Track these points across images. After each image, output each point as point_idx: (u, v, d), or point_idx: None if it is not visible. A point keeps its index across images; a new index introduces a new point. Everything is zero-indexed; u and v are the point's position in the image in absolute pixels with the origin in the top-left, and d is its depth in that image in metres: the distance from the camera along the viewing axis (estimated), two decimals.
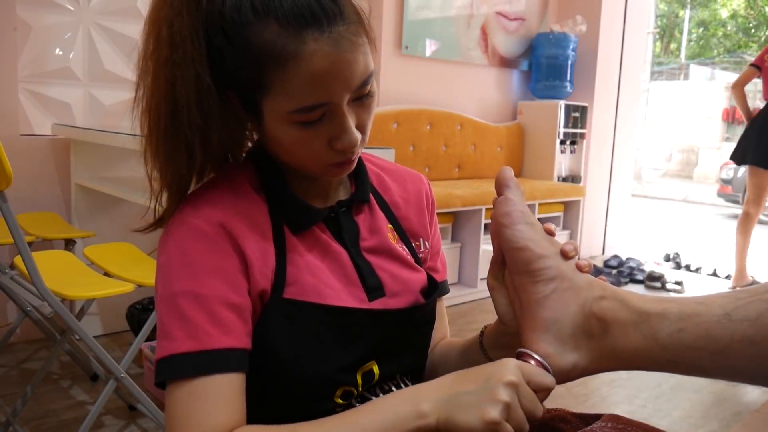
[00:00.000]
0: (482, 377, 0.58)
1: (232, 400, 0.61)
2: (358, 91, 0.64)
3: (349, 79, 0.62)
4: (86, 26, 2.57)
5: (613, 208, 4.71)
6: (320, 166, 0.68)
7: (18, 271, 1.65)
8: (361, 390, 0.72)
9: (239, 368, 0.63)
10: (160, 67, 0.63)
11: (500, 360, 0.59)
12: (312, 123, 0.63)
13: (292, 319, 0.66)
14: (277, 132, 0.65)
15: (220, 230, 0.64)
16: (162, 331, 0.63)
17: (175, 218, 0.67)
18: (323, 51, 0.60)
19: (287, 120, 0.63)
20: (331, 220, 0.74)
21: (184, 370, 0.60)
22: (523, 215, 0.65)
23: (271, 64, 0.60)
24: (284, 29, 0.59)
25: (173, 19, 0.62)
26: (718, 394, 2.30)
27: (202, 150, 0.66)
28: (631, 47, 4.51)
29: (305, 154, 0.66)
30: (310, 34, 0.59)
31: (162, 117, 0.65)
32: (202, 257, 0.63)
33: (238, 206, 0.67)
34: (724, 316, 0.53)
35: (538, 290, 0.62)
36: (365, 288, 0.73)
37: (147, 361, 2.03)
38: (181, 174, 0.68)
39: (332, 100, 0.62)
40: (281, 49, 0.60)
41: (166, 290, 0.63)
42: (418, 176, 0.87)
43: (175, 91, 0.63)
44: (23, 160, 2.39)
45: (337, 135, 0.65)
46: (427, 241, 0.84)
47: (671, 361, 0.55)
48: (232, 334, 0.62)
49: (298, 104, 0.62)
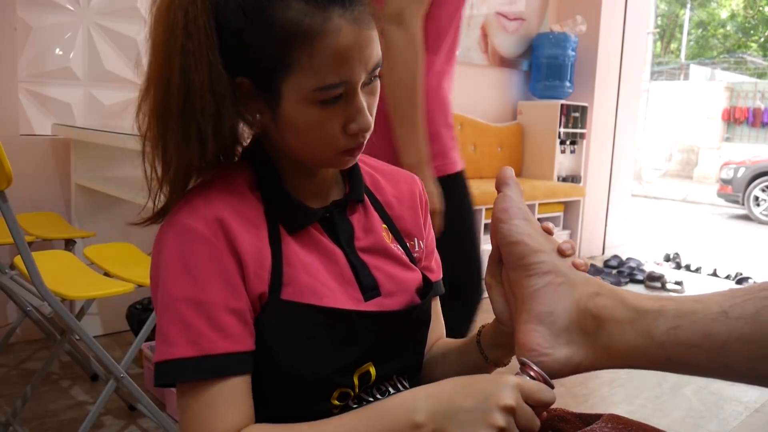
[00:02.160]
0: (480, 395, 0.57)
1: (238, 403, 0.63)
2: (371, 73, 0.66)
3: (367, 59, 0.64)
4: (86, 26, 2.57)
5: (613, 208, 4.71)
6: (332, 152, 0.68)
7: (18, 271, 1.65)
8: (358, 391, 0.72)
9: (242, 371, 0.63)
10: (173, 54, 0.63)
11: (500, 378, 0.59)
12: (331, 102, 0.64)
13: (289, 321, 0.66)
14: (295, 113, 0.65)
15: (218, 232, 0.64)
16: (161, 334, 0.63)
17: (171, 218, 0.66)
18: (348, 27, 0.61)
19: (309, 99, 0.64)
20: (326, 220, 0.74)
21: (186, 376, 0.62)
22: (521, 211, 0.65)
23: (298, 41, 0.61)
24: (310, 5, 0.61)
25: (187, 7, 0.62)
26: (718, 394, 2.30)
27: (214, 138, 0.66)
28: (631, 47, 4.51)
29: (320, 137, 0.67)
30: (336, 10, 0.61)
31: (174, 104, 0.64)
32: (200, 261, 0.63)
33: (235, 206, 0.67)
34: (721, 313, 0.52)
35: (531, 283, 0.62)
36: (361, 287, 0.73)
37: (147, 361, 2.04)
38: (192, 164, 0.67)
39: (352, 79, 0.64)
40: (308, 25, 0.61)
41: (165, 294, 0.64)
42: (411, 176, 0.87)
43: (189, 79, 0.63)
44: (23, 160, 2.39)
45: (352, 117, 0.66)
46: (421, 241, 0.84)
47: (667, 359, 0.55)
48: (233, 338, 0.63)
49: (322, 82, 0.62)
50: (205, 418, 0.62)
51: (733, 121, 13.60)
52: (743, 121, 13.38)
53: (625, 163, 4.75)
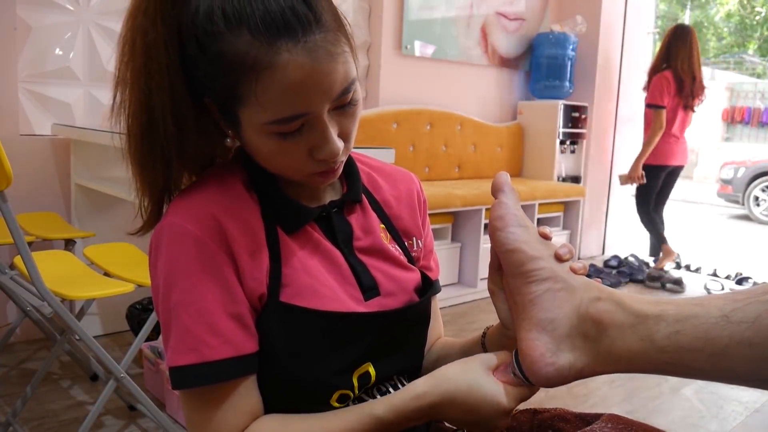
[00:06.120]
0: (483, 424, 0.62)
1: (243, 404, 0.64)
2: (339, 100, 0.62)
3: (327, 90, 0.60)
4: (86, 26, 2.57)
5: (613, 208, 4.71)
6: (302, 175, 0.67)
7: (18, 271, 1.65)
8: (358, 393, 0.71)
9: (245, 373, 0.64)
10: (135, 75, 0.63)
11: (499, 406, 0.62)
12: (291, 134, 0.62)
13: (288, 323, 0.66)
14: (256, 142, 0.64)
15: (213, 234, 0.64)
16: (166, 339, 0.64)
17: (167, 220, 0.66)
18: (297, 62, 0.58)
19: (264, 131, 0.62)
20: (323, 219, 0.73)
21: (188, 383, 0.63)
22: (517, 218, 0.64)
23: (243, 74, 0.59)
24: (257, 39, 0.57)
25: (148, 29, 0.61)
26: (717, 394, 2.30)
27: (178, 159, 0.66)
28: (631, 47, 4.51)
29: (285, 164, 0.65)
30: (284, 44, 0.57)
31: (138, 125, 0.64)
32: (196, 266, 0.63)
33: (230, 207, 0.66)
34: (722, 317, 0.52)
35: (531, 290, 0.61)
36: (361, 287, 0.73)
37: (147, 361, 2.03)
38: (158, 183, 0.68)
39: (310, 111, 0.60)
40: (254, 59, 0.58)
41: (164, 300, 0.64)
42: (408, 175, 0.87)
43: (150, 100, 0.63)
44: (23, 160, 2.39)
45: (318, 145, 0.63)
46: (420, 240, 0.84)
47: (669, 363, 0.55)
48: (233, 342, 0.63)
49: (274, 116, 0.60)
50: (210, 423, 0.63)
51: (733, 121, 13.61)
52: (742, 121, 13.40)
53: (625, 163, 4.75)
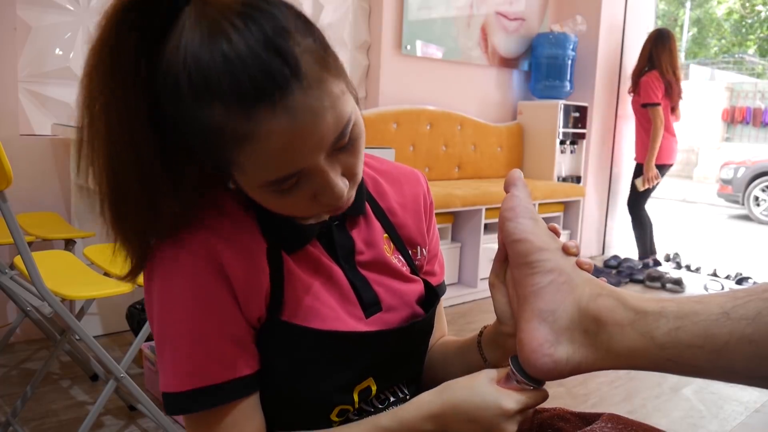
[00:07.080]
0: None
1: (245, 423, 0.63)
2: (336, 144, 0.57)
3: (317, 144, 0.55)
4: (86, 26, 2.57)
5: (613, 207, 4.71)
6: (310, 214, 0.64)
7: (18, 271, 1.65)
8: (358, 406, 0.71)
9: (246, 393, 0.64)
10: (99, 142, 0.57)
11: (503, 411, 0.61)
12: (289, 189, 0.58)
13: (289, 342, 0.66)
14: (256, 197, 0.61)
15: (207, 258, 0.61)
16: (161, 364, 0.63)
17: (159, 245, 0.63)
18: (279, 128, 0.52)
19: (262, 188, 0.58)
20: (324, 235, 0.71)
21: (188, 408, 0.62)
22: (527, 210, 0.65)
23: (225, 144, 0.54)
24: (230, 110, 0.52)
25: (109, 101, 0.55)
26: (718, 394, 2.30)
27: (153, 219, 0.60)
28: (631, 47, 4.51)
29: (290, 211, 0.62)
30: (261, 111, 0.51)
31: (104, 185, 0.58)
32: (191, 292, 0.61)
33: (226, 229, 0.63)
34: (723, 314, 0.52)
35: (534, 281, 0.62)
36: (362, 304, 0.72)
37: (147, 361, 2.03)
38: (129, 239, 0.62)
39: (303, 166, 0.56)
40: (232, 132, 0.53)
41: (160, 326, 0.63)
42: (415, 176, 0.84)
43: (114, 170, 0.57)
44: (23, 160, 2.39)
45: (320, 192, 0.60)
46: (424, 248, 0.83)
47: (668, 360, 0.55)
48: (232, 365, 0.62)
49: (267, 178, 0.56)
50: None
51: (733, 121, 13.61)
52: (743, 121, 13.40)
53: (625, 163, 4.75)
